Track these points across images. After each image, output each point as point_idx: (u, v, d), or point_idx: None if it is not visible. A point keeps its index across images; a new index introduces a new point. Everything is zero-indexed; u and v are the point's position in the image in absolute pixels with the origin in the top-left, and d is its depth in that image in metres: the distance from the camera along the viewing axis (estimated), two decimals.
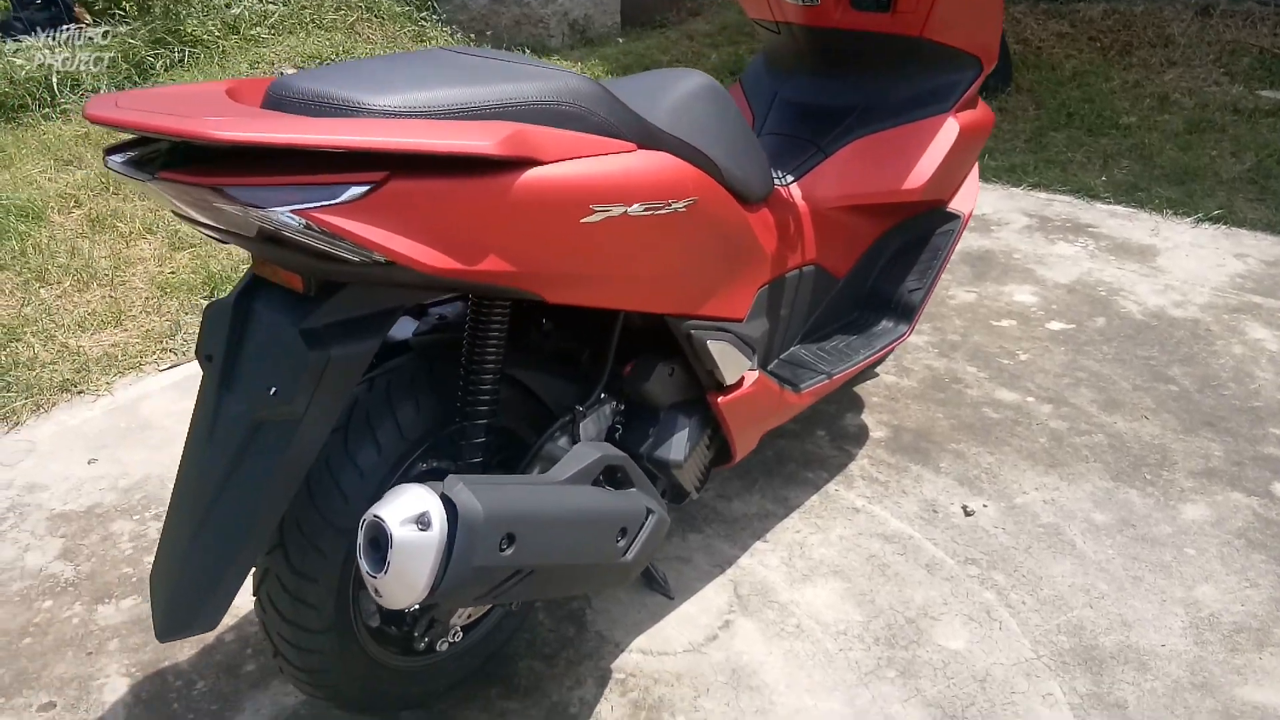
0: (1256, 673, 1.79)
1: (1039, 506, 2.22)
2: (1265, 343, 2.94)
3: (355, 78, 1.24)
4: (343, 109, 1.17)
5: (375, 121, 1.15)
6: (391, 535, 1.19)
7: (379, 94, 1.19)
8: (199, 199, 1.11)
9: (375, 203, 1.12)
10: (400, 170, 1.14)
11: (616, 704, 1.72)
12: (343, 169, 1.11)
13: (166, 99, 1.18)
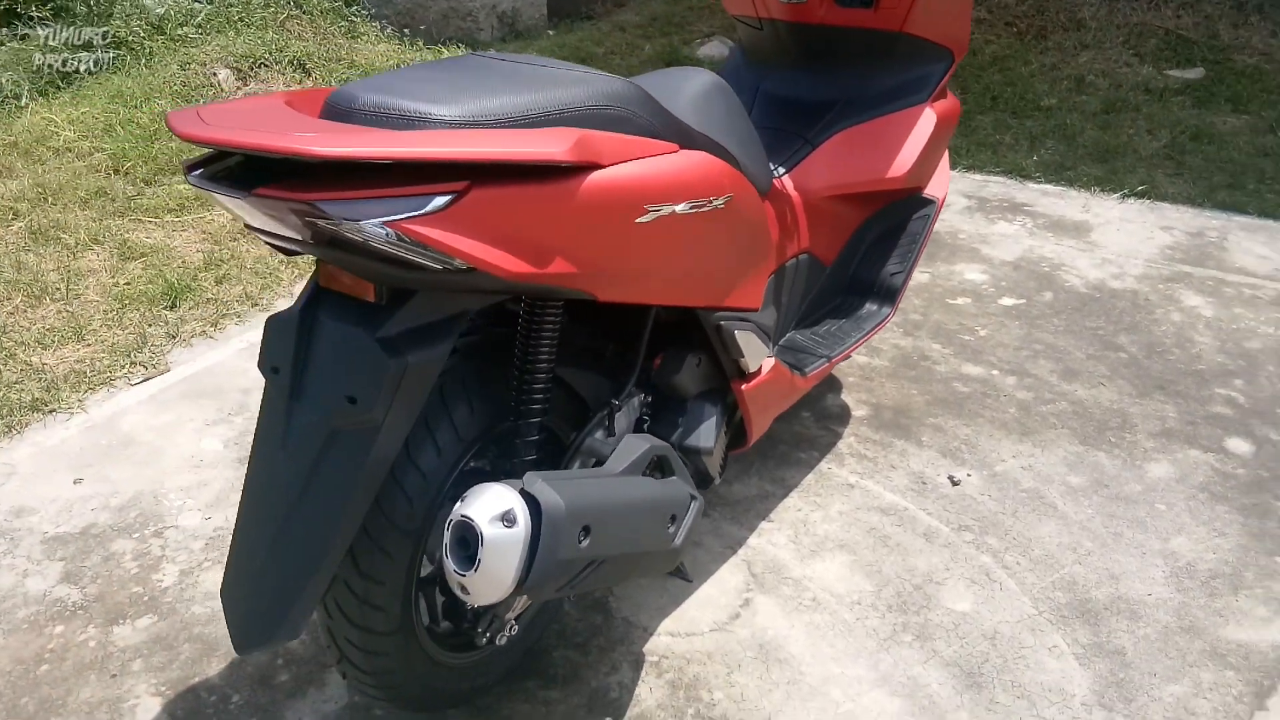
0: (1235, 614, 1.94)
1: (1018, 473, 2.36)
2: (1200, 309, 3.14)
3: (416, 89, 1.26)
4: (415, 121, 1.20)
5: (451, 132, 1.18)
6: (481, 534, 1.22)
7: (444, 105, 1.22)
8: (291, 214, 1.12)
9: (458, 212, 1.15)
10: (478, 179, 1.17)
11: (654, 685, 1.78)
12: (422, 180, 1.14)
13: (245, 113, 1.19)
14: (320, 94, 1.33)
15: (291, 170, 1.12)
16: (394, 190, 1.12)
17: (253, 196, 1.10)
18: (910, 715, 1.72)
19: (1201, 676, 1.80)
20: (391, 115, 1.21)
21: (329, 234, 1.14)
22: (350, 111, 1.23)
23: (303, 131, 1.12)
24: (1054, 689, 1.77)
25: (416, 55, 5.06)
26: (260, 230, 1.24)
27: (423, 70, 1.38)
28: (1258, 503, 2.25)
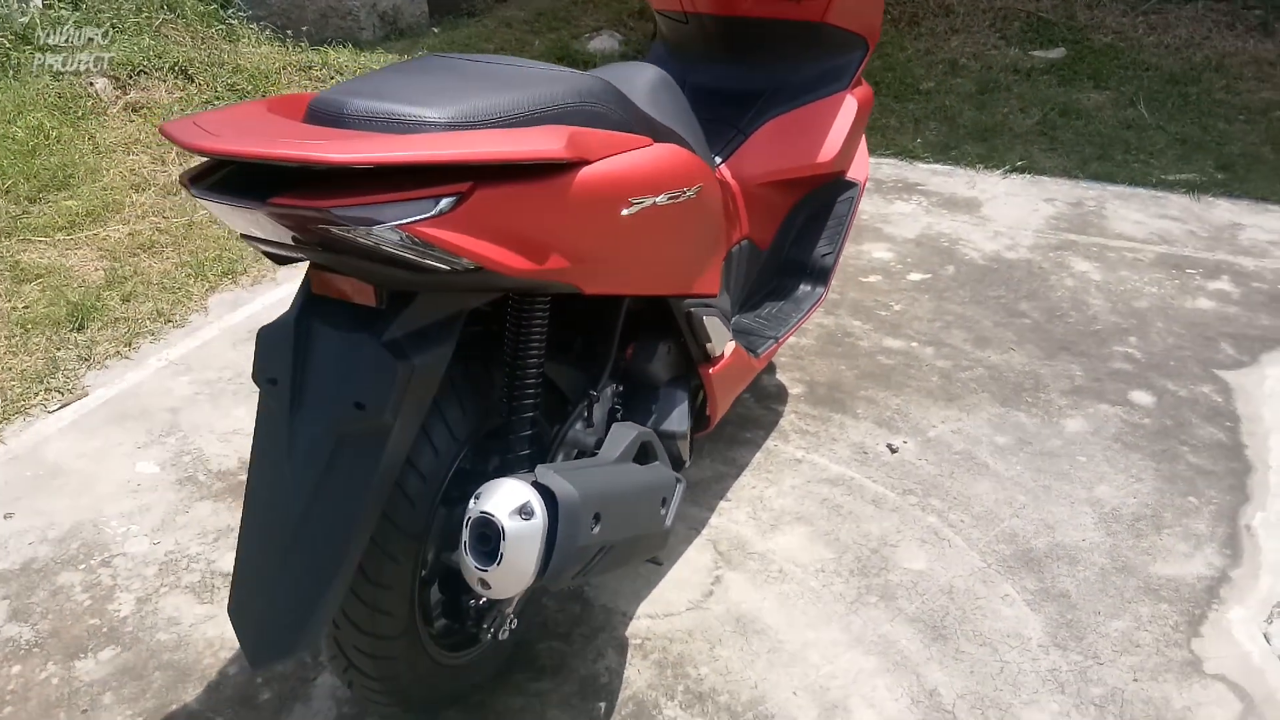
0: (1161, 551, 2.11)
1: (949, 437, 2.49)
2: (1089, 274, 3.37)
3: (403, 93, 1.26)
4: (410, 124, 1.21)
5: (452, 134, 1.20)
6: (503, 528, 1.24)
7: (435, 108, 1.23)
8: (301, 221, 1.12)
9: (464, 212, 1.17)
10: (480, 179, 1.19)
11: (641, 667, 1.83)
12: (427, 182, 1.15)
13: (242, 122, 1.17)
14: (297, 100, 1.32)
15: (294, 178, 1.12)
16: (403, 194, 1.13)
17: (267, 206, 1.09)
18: (885, 671, 1.82)
19: (1140, 611, 1.96)
20: (386, 120, 1.21)
21: (337, 240, 1.14)
22: (342, 117, 1.22)
23: (309, 139, 1.12)
24: (1011, 634, 1.90)
25: (303, 57, 4.94)
26: (258, 239, 1.23)
27: (399, 74, 1.38)
28: (1166, 449, 2.44)
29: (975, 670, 1.82)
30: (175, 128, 1.12)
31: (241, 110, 1.26)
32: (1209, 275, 3.36)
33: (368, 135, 1.17)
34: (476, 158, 1.15)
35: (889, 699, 1.76)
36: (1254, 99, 4.89)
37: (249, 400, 2.62)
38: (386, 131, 1.20)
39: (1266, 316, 3.08)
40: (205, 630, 1.90)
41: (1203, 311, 3.12)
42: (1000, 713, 1.73)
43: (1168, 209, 3.90)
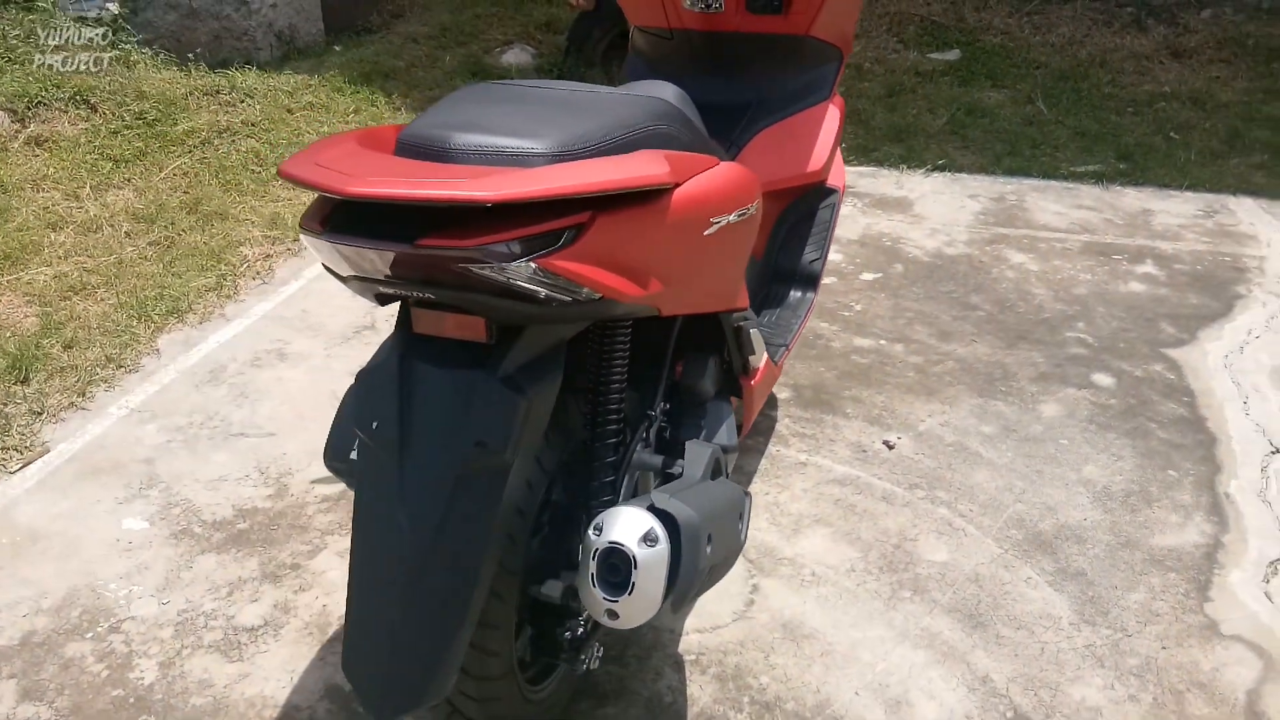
0: (1156, 524, 2.24)
1: (939, 430, 2.58)
2: (1027, 265, 3.54)
3: (498, 124, 1.24)
4: (519, 157, 1.19)
5: (568, 165, 1.18)
6: (634, 556, 1.23)
7: (534, 139, 1.22)
8: (444, 261, 1.09)
9: (586, 242, 1.16)
10: (596, 209, 1.18)
11: (702, 682, 1.84)
12: (550, 215, 1.14)
13: (352, 159, 1.13)
14: (381, 134, 1.29)
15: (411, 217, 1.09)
16: (534, 228, 1.12)
17: (415, 248, 1.05)
18: (936, 663, 1.87)
19: (1152, 582, 2.07)
20: (495, 153, 1.19)
21: (470, 278, 1.12)
22: (448, 152, 1.19)
23: (439, 177, 1.09)
24: (1043, 615, 1.99)
25: (207, 81, 4.73)
26: (370, 280, 1.18)
27: (475, 104, 1.35)
28: (1136, 426, 2.60)
29: (1019, 653, 1.89)
30: (302, 171, 1.08)
31: (344, 147, 1.21)
32: (1134, 260, 3.58)
33: (495, 170, 1.15)
34: (608, 186, 1.14)
35: (946, 689, 1.82)
36: (1138, 91, 5.23)
37: (226, 445, 2.51)
38: (498, 165, 1.18)
39: (1194, 295, 3.31)
40: (243, 690, 1.81)
41: (1137, 295, 3.32)
42: (1051, 692, 1.81)
43: (1082, 199, 4.13)
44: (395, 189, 1.03)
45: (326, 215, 1.13)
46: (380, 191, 1.03)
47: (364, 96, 4.97)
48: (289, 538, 2.19)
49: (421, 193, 1.02)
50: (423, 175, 1.10)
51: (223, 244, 3.55)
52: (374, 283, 1.19)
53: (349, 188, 1.03)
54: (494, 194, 1.03)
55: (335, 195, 1.05)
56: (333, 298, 3.27)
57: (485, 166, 1.17)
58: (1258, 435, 2.56)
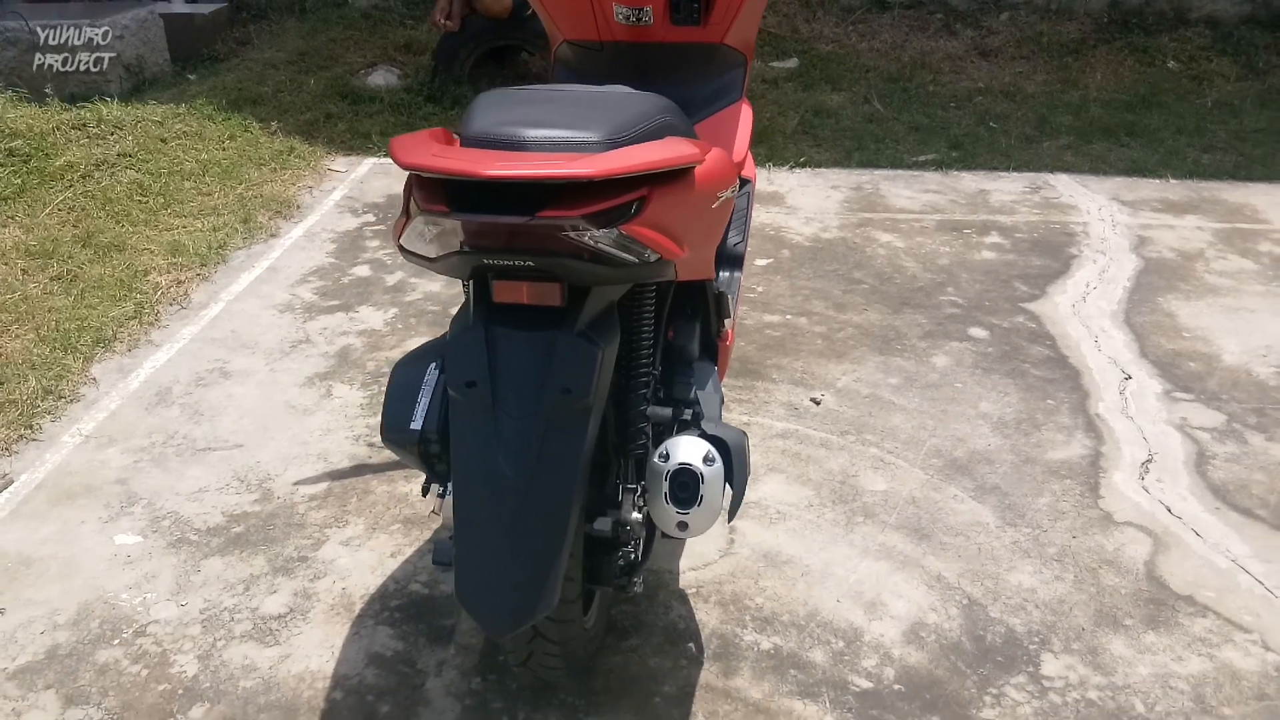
0: (1047, 443, 2.66)
1: (854, 385, 2.93)
2: (894, 243, 3.97)
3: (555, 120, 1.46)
4: (583, 145, 1.41)
5: (625, 150, 1.41)
6: (701, 473, 1.47)
7: (588, 131, 1.44)
8: (553, 230, 1.30)
9: (648, 213, 1.40)
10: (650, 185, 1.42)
11: (707, 609, 2.08)
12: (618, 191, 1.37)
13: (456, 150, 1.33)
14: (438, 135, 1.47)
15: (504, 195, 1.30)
16: (615, 201, 1.34)
17: (535, 220, 1.26)
18: (897, 570, 2.19)
19: (1053, 488, 2.47)
20: (565, 143, 1.41)
21: (568, 244, 1.33)
22: (525, 143, 1.40)
23: (540, 160, 1.31)
24: (973, 523, 2.34)
25: (70, 115, 4.61)
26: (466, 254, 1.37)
27: (524, 105, 1.56)
28: (1014, 368, 3.03)
29: (961, 554, 2.24)
30: (427, 160, 1.27)
31: (435, 144, 1.40)
32: (981, 233, 4.08)
33: (580, 155, 1.36)
34: (668, 162, 1.39)
35: (909, 588, 2.14)
36: (958, 88, 5.85)
37: (197, 460, 2.57)
38: (567, 151, 1.40)
39: (1037, 258, 3.82)
40: (289, 667, 1.93)
41: (989, 261, 3.80)
42: (994, 581, 2.16)
43: (927, 184, 4.63)
44: (524, 169, 1.23)
45: (444, 199, 1.31)
46: (513, 173, 1.23)
47: (236, 123, 4.96)
48: (288, 535, 2.30)
49: (544, 171, 1.23)
50: (524, 160, 1.30)
51: (128, 274, 3.53)
52: (475, 256, 1.38)
53: (485, 170, 1.23)
54: (597, 170, 1.26)
55: (473, 178, 1.24)
56: (256, 317, 3.33)
57: (560, 153, 1.39)
58: (1111, 366, 3.03)
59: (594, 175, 1.26)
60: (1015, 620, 2.05)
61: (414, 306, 3.42)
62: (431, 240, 1.38)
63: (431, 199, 1.32)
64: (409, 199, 1.42)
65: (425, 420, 1.58)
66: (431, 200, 1.32)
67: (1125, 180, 4.69)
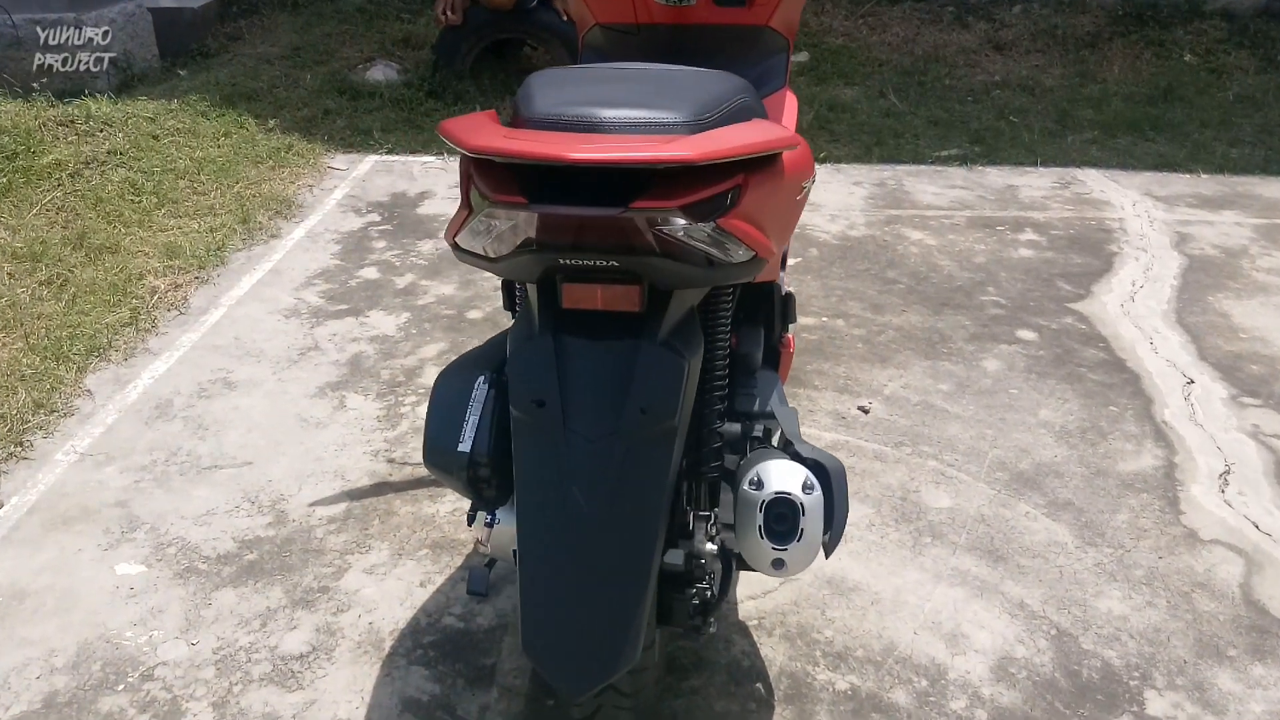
0: (1114, 453, 2.48)
1: (903, 393, 2.75)
2: (925, 240, 3.80)
3: (635, 99, 1.28)
4: (665, 127, 1.22)
5: (712, 133, 1.23)
6: (802, 504, 1.29)
7: (671, 112, 1.26)
8: (647, 223, 1.11)
9: (743, 204, 1.21)
10: (746, 172, 1.23)
11: (772, 644, 1.90)
12: (712, 180, 1.18)
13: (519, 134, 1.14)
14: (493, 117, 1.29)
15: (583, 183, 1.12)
16: (710, 190, 1.16)
17: (628, 211, 1.07)
18: (975, 596, 2.01)
19: (1131, 503, 2.30)
20: (645, 124, 1.22)
21: (655, 241, 1.14)
22: (601, 124, 1.21)
23: (629, 145, 1.12)
24: (1050, 543, 2.17)
25: (57, 112, 4.39)
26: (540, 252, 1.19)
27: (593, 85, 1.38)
28: (1069, 372, 2.85)
29: (1041, 578, 2.06)
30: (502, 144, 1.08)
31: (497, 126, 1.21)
32: (1015, 230, 3.91)
33: (673, 138, 1.18)
34: (767, 145, 1.20)
35: (991, 618, 1.96)
36: (974, 82, 5.68)
37: (203, 479, 2.37)
38: (649, 134, 1.21)
39: (1077, 256, 3.65)
40: (314, 715, 1.74)
41: (1028, 259, 3.63)
42: (1081, 608, 1.98)
43: (953, 180, 4.47)
44: (617, 152, 1.04)
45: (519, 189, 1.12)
46: (607, 155, 1.04)
47: (230, 119, 4.75)
48: (305, 563, 2.10)
49: (642, 154, 1.05)
50: (610, 143, 1.12)
51: (122, 278, 3.32)
52: (549, 254, 1.19)
53: (572, 154, 1.04)
54: (698, 152, 1.07)
55: (557, 162, 1.05)
56: (260, 323, 3.13)
57: (642, 136, 1.20)
58: (1171, 369, 2.86)
59: (696, 159, 1.07)
60: (1110, 653, 1.88)
61: (427, 311, 3.22)
62: (497, 237, 1.19)
63: (502, 189, 1.13)
64: (468, 190, 1.23)
65: (475, 442, 1.39)
66: (503, 190, 1.13)
67: (1155, 175, 4.54)
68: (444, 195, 4.27)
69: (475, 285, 3.39)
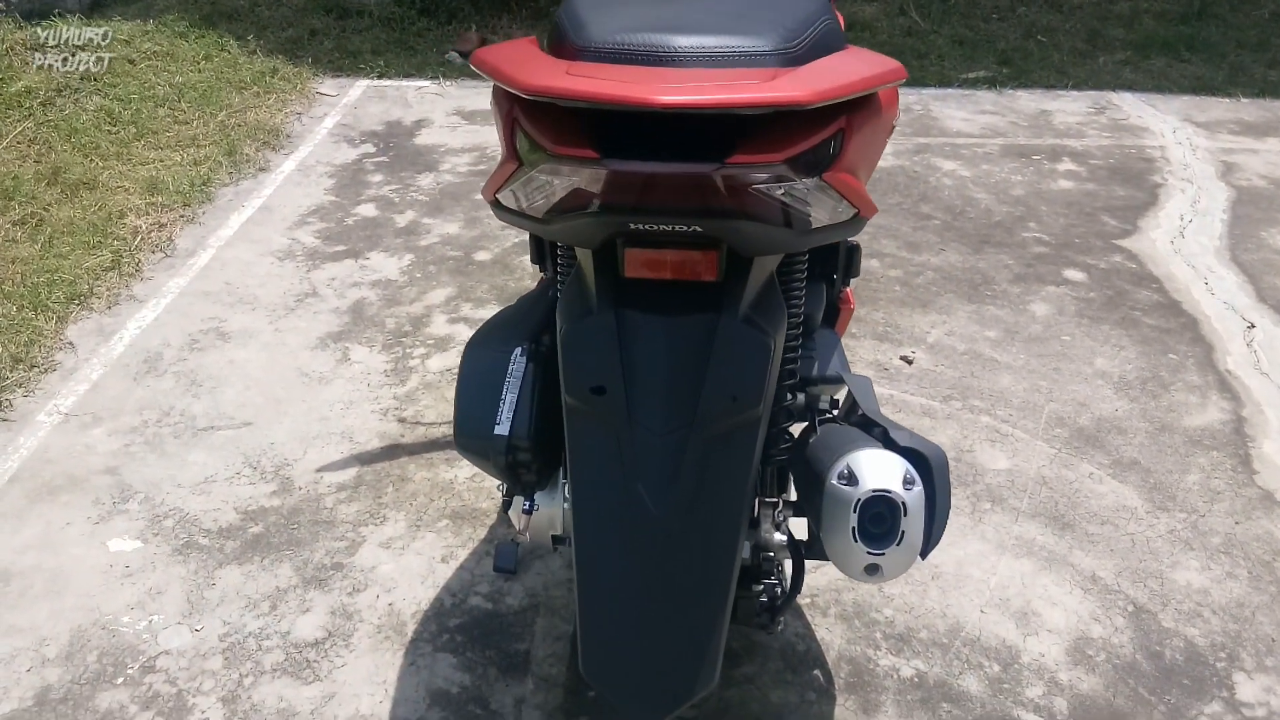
0: (1179, 406, 2.32)
1: (947, 340, 2.57)
2: (958, 171, 3.58)
3: (709, 24, 1.06)
4: (750, 58, 1.02)
5: (811, 66, 1.02)
6: (904, 503, 1.11)
7: (753, 38, 1.05)
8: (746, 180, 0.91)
9: (847, 153, 1.01)
10: (848, 114, 1.03)
11: (829, 626, 1.75)
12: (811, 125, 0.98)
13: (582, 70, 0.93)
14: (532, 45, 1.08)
15: None
16: (813, 139, 0.96)
17: (724, 167, 0.87)
18: (1044, 569, 1.86)
19: (1200, 462, 2.14)
20: (726, 55, 1.01)
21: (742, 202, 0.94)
22: (674, 55, 1.00)
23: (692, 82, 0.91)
24: (1118, 508, 2.01)
25: (24, 34, 4.09)
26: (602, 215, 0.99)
27: (656, 4, 1.16)
28: (1123, 316, 2.67)
29: (1113, 548, 1.91)
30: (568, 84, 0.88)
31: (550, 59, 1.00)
32: (1051, 159, 3.69)
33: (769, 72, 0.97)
34: (882, 79, 1.00)
35: (1062, 593, 1.81)
36: (1000, 0, 5.38)
37: (199, 442, 2.19)
38: (731, 67, 1.00)
39: (1119, 188, 3.44)
40: (335, 711, 1.58)
41: (1068, 191, 3.42)
42: (1158, 581, 1.83)
43: (982, 105, 4.22)
44: (715, 94, 0.84)
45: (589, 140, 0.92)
46: (705, 99, 0.84)
47: (211, 41, 4.45)
48: (315, 536, 1.93)
49: (747, 96, 0.84)
50: (699, 82, 0.91)
51: (102, 217, 3.09)
52: (617, 217, 0.99)
53: (660, 97, 0.83)
54: (809, 92, 0.87)
55: (642, 107, 0.85)
56: (252, 266, 2.92)
57: (732, 70, 0.99)
58: (1229, 313, 2.69)
59: (809, 100, 0.87)
60: (1193, 631, 1.73)
61: (431, 252, 3.01)
62: (554, 196, 0.99)
63: (566, 139, 0.92)
64: (513, 138, 1.02)
65: (514, 424, 1.20)
66: (567, 140, 0.92)
67: (1193, 99, 4.30)
68: (442, 124, 4.02)
69: (482, 224, 3.17)
